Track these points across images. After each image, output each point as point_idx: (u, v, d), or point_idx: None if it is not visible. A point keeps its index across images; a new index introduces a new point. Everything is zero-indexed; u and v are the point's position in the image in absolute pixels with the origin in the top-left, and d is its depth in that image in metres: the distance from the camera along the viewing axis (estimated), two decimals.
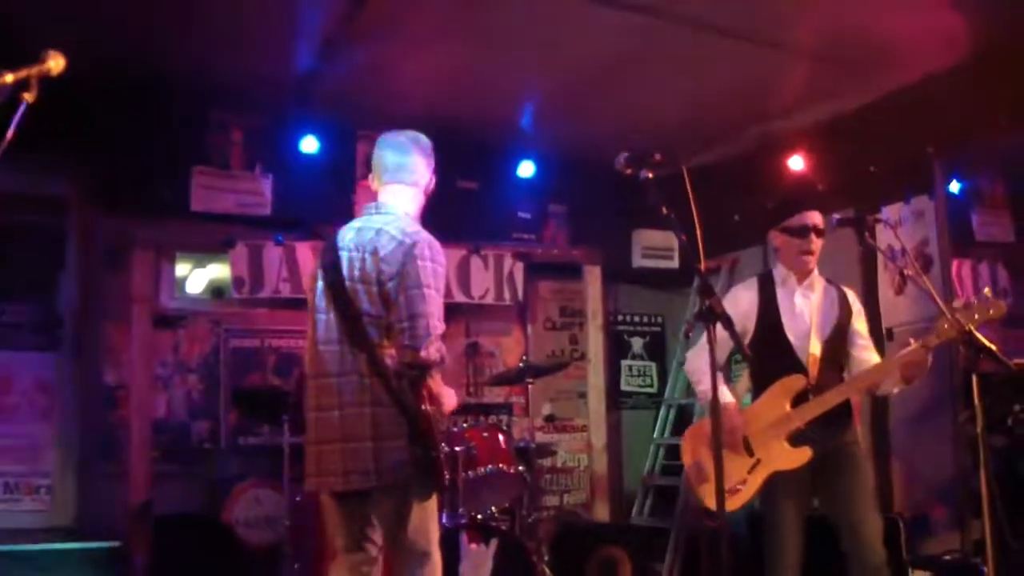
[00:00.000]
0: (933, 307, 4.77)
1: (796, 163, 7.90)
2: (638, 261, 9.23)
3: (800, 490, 4.92)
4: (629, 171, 3.90)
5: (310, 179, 8.06)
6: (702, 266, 3.80)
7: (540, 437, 8.71)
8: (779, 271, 5.16)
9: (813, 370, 4.90)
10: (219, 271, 8.45)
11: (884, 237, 6.87)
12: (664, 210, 3.78)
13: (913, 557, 6.16)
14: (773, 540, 4.97)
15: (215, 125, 7.89)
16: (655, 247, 9.24)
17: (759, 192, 8.16)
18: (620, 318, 9.67)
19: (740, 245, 8.49)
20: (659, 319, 9.81)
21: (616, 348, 9.58)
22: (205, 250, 8.23)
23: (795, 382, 4.90)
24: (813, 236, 5.08)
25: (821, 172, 7.79)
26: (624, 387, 9.59)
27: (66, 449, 7.25)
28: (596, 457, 9.27)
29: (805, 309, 5.04)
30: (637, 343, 9.71)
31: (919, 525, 6.78)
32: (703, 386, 5.13)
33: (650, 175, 3.87)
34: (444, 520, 5.85)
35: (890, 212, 7.21)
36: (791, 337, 4.98)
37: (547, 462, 8.91)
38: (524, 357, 7.19)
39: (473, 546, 5.69)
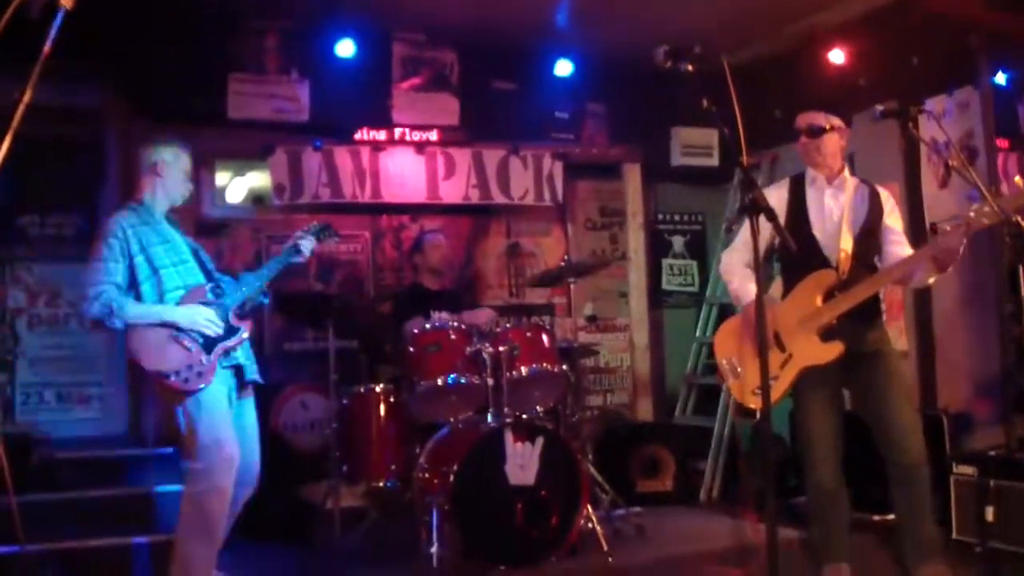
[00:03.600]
0: (977, 201, 4.70)
1: (837, 57, 7.77)
2: (677, 159, 9.16)
3: (831, 384, 4.93)
4: (668, 64, 3.85)
5: (347, 83, 8.03)
6: (744, 160, 3.75)
7: (582, 337, 8.75)
8: (809, 172, 5.12)
9: (844, 266, 4.86)
10: (259, 179, 8.47)
11: (928, 130, 6.79)
12: (705, 103, 3.73)
13: (956, 453, 6.16)
14: (804, 433, 5.01)
15: (249, 31, 7.86)
16: (694, 145, 9.16)
17: (800, 87, 8.07)
18: (660, 217, 9.62)
19: (780, 141, 8.38)
20: (699, 217, 9.76)
21: (657, 247, 9.55)
22: (244, 157, 8.24)
23: (826, 277, 4.87)
24: (803, 137, 5.05)
25: (862, 65, 7.67)
26: (665, 286, 9.57)
27: (116, 358, 7.33)
28: (638, 357, 9.31)
29: (835, 208, 4.99)
30: (678, 242, 9.67)
31: (963, 421, 6.78)
32: (733, 284, 5.18)
33: (690, 68, 3.82)
34: (490, 420, 5.91)
35: (934, 104, 7.08)
36: (819, 236, 4.96)
37: (590, 362, 8.95)
38: (565, 257, 7.18)
39: (518, 445, 5.74)
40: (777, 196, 5.07)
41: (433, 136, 8.37)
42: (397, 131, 8.28)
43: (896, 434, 4.79)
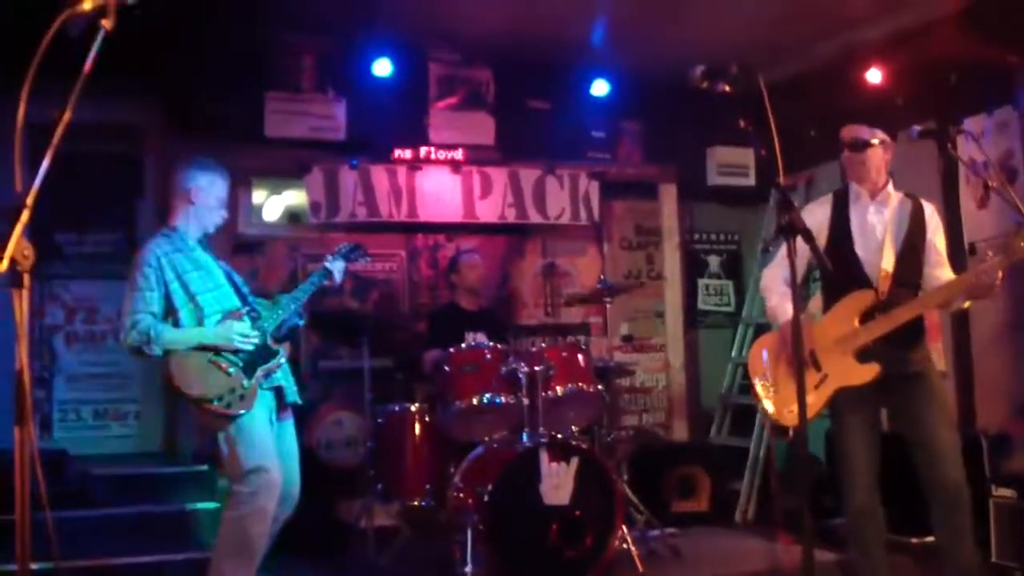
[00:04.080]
0: (1016, 220, 4.65)
1: (874, 76, 7.72)
2: (713, 179, 9.13)
3: (869, 405, 4.86)
4: (705, 84, 3.83)
5: (383, 102, 8.07)
6: (781, 180, 3.73)
7: (618, 357, 8.72)
8: (853, 187, 5.04)
9: (884, 286, 4.80)
10: (295, 197, 8.51)
11: (966, 149, 6.74)
12: (742, 123, 3.71)
13: (996, 475, 6.09)
14: (842, 454, 4.94)
15: (287, 50, 7.91)
16: (730, 164, 9.14)
17: (836, 106, 8.02)
18: (696, 236, 9.60)
19: (816, 161, 8.35)
20: (736, 237, 9.72)
21: (693, 267, 9.53)
22: (280, 175, 8.29)
23: (864, 297, 4.81)
24: (847, 151, 4.97)
25: (900, 84, 7.62)
26: (701, 306, 9.54)
27: (152, 375, 7.37)
28: (674, 376, 9.28)
29: (878, 225, 4.92)
30: (714, 261, 9.64)
31: (1002, 443, 6.70)
32: (772, 302, 5.11)
33: (727, 88, 3.81)
34: (525, 439, 5.90)
35: (972, 124, 7.03)
36: (861, 253, 4.89)
37: (625, 382, 8.92)
38: (601, 277, 7.17)
39: (553, 465, 5.72)
40: (820, 212, 5.03)
41: (466, 155, 8.38)
42: (433, 150, 8.29)
43: (936, 456, 4.71)
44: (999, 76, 6.88)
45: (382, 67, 7.96)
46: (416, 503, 6.50)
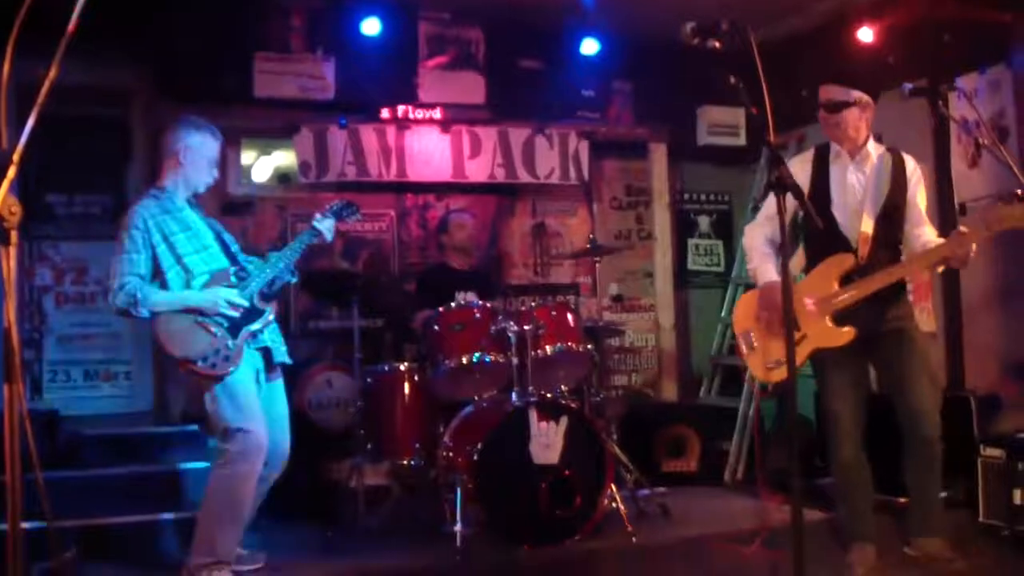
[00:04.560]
0: (1008, 180, 4.66)
1: (866, 34, 7.69)
2: (704, 138, 9.11)
3: (853, 363, 4.95)
4: (696, 41, 3.84)
5: (373, 61, 8.03)
6: (771, 138, 3.73)
7: (608, 317, 8.73)
8: (833, 146, 5.07)
9: (863, 249, 4.85)
10: (284, 158, 8.48)
11: (958, 108, 6.73)
12: (732, 80, 3.70)
13: (984, 435, 6.12)
14: (827, 410, 5.04)
15: (275, 9, 7.87)
16: (721, 124, 9.11)
17: (828, 65, 7.99)
18: (686, 196, 9.58)
19: (807, 120, 8.28)
20: (726, 197, 9.71)
21: (683, 227, 9.52)
22: (270, 136, 8.26)
23: (844, 261, 4.87)
24: (822, 111, 5.00)
25: (892, 43, 7.59)
26: (691, 266, 9.54)
27: (143, 335, 7.36)
28: (664, 336, 9.29)
29: (858, 185, 4.96)
30: (704, 222, 9.63)
31: (991, 403, 6.72)
32: (753, 262, 5.18)
33: (717, 45, 3.80)
34: (514, 399, 5.91)
35: (965, 83, 7.01)
36: (838, 214, 4.93)
37: (615, 342, 8.93)
38: (591, 236, 7.16)
39: (542, 424, 5.74)
40: (800, 168, 5.03)
41: (456, 115, 8.35)
42: (423, 110, 8.26)
43: (913, 410, 4.84)
44: (992, 34, 6.86)
45: (371, 26, 7.91)
46: (406, 463, 6.51)
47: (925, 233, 4.92)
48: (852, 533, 5.04)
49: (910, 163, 5.05)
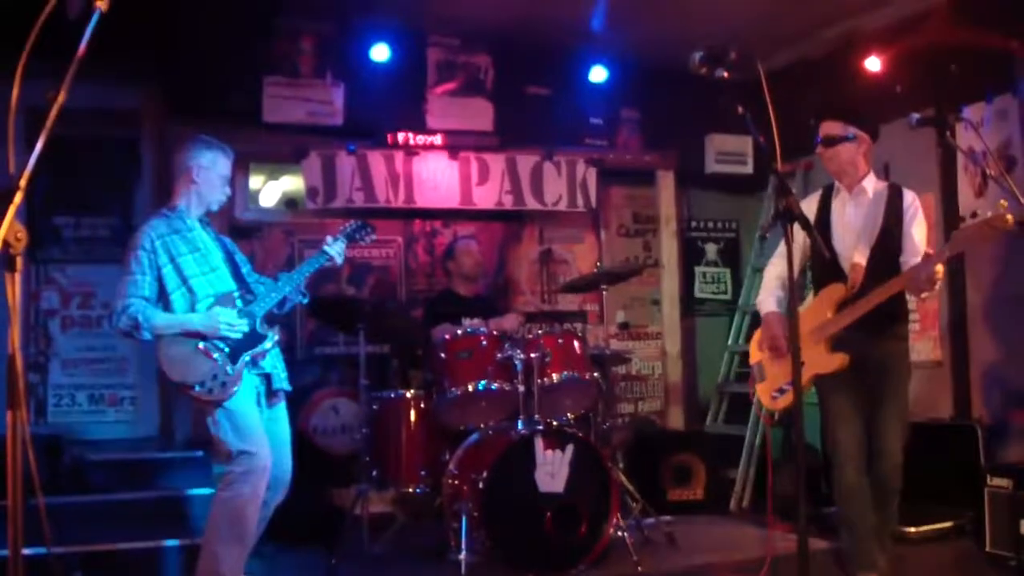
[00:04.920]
0: (1015, 210, 4.65)
1: (873, 63, 7.70)
2: (712, 166, 9.12)
3: (850, 388, 5.04)
4: (704, 70, 3.86)
5: (381, 87, 8.06)
6: (779, 166, 3.74)
7: (614, 344, 8.72)
8: (836, 183, 5.24)
9: (855, 278, 5.00)
10: (292, 183, 8.49)
11: (965, 138, 6.73)
12: (740, 109, 3.72)
13: (991, 465, 6.10)
14: (829, 436, 5.13)
15: (285, 34, 7.89)
16: (729, 152, 9.12)
17: (835, 94, 8.00)
18: (694, 224, 9.59)
19: (815, 149, 8.33)
20: (733, 225, 9.71)
21: (690, 254, 9.51)
22: (278, 160, 8.28)
23: (837, 290, 5.03)
24: (820, 147, 5.17)
25: (899, 72, 7.60)
26: (698, 294, 9.54)
27: (148, 360, 7.35)
28: (670, 364, 9.26)
29: (854, 218, 5.12)
30: (711, 249, 9.63)
31: (997, 432, 6.71)
32: (760, 297, 5.42)
33: (726, 75, 3.82)
34: (520, 427, 5.90)
35: (972, 112, 7.01)
36: (838, 247, 5.08)
37: (621, 369, 8.92)
38: (598, 264, 7.16)
39: (548, 452, 5.72)
40: (807, 207, 5.16)
41: (464, 141, 8.37)
42: (431, 136, 8.27)
43: (880, 440, 5.00)
44: (999, 64, 6.86)
45: (380, 52, 7.94)
46: (411, 490, 6.50)
47: (913, 263, 4.94)
48: (856, 562, 5.06)
49: (908, 196, 5.15)
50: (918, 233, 5.07)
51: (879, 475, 4.99)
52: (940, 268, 4.67)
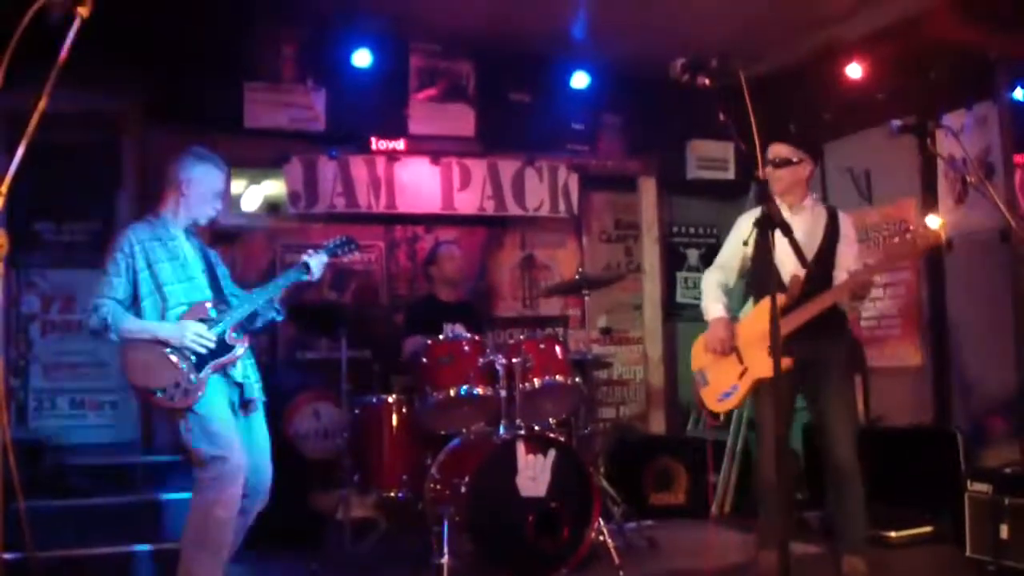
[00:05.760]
0: (994, 216, 4.70)
1: (854, 71, 7.75)
2: (693, 172, 9.16)
3: (785, 391, 5.18)
4: (685, 77, 3.90)
5: (363, 93, 8.08)
6: (760, 174, 3.78)
7: (596, 349, 8.73)
8: (777, 200, 5.33)
9: (795, 290, 5.24)
10: (274, 187, 8.48)
11: (945, 145, 6.77)
12: (721, 116, 3.75)
13: (971, 470, 6.12)
14: (759, 433, 5.53)
15: (265, 39, 7.88)
16: (710, 158, 9.17)
17: (816, 101, 8.05)
18: (675, 230, 9.60)
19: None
20: (714, 230, 9.72)
21: (671, 260, 9.53)
22: (259, 166, 8.25)
23: (777, 300, 5.12)
24: (769, 167, 5.41)
25: (880, 79, 7.64)
26: (680, 299, 9.55)
27: None
28: (652, 369, 9.29)
29: (796, 234, 5.22)
30: (692, 255, 9.65)
31: (978, 437, 6.74)
32: (703, 303, 5.83)
33: (707, 82, 3.85)
34: (502, 431, 5.90)
35: (952, 119, 7.05)
36: (777, 260, 5.19)
37: (603, 374, 8.93)
38: (579, 269, 7.17)
39: (530, 457, 5.72)
40: (747, 223, 5.43)
41: (446, 147, 8.38)
42: (413, 142, 8.28)
43: (833, 441, 5.34)
44: (979, 71, 6.91)
45: (362, 58, 7.95)
46: (393, 494, 6.48)
47: (846, 276, 5.31)
48: (764, 540, 5.47)
49: (843, 219, 5.56)
50: (851, 251, 5.46)
51: (834, 465, 5.32)
52: (875, 279, 5.17)
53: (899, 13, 7.25)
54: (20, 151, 2.57)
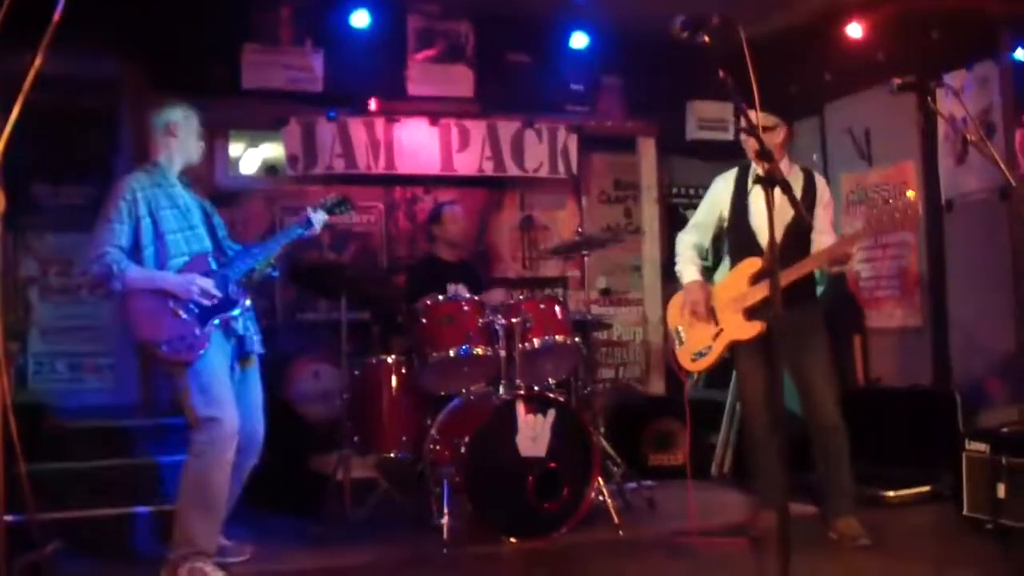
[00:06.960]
0: (995, 177, 4.69)
1: (855, 30, 7.71)
2: (693, 133, 9.13)
3: (761, 352, 5.40)
4: (685, 35, 3.87)
5: (361, 54, 8.03)
6: (760, 133, 3.76)
7: (595, 310, 8.73)
8: (753, 164, 5.53)
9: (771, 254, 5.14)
10: (272, 150, 8.46)
11: (945, 104, 6.74)
12: (721, 75, 3.72)
13: (969, 430, 6.13)
14: (741, 395, 5.74)
15: (263, 1, 7.84)
16: (710, 119, 9.13)
17: (816, 62, 8.01)
18: (675, 191, 9.58)
19: (797, 115, 8.34)
20: None
21: (671, 221, 9.50)
22: (258, 128, 8.25)
23: (753, 264, 5.41)
24: (743, 133, 5.57)
25: (881, 39, 7.60)
26: None
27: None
28: (651, 330, 9.29)
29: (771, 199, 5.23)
30: (692, 216, 9.62)
31: (976, 398, 6.75)
32: (678, 266, 5.89)
33: (707, 39, 3.82)
34: (502, 392, 5.91)
35: (953, 79, 7.01)
36: (753, 224, 5.43)
37: (603, 335, 8.93)
38: (579, 230, 7.16)
39: (530, 417, 5.74)
40: (723, 186, 5.70)
41: (444, 108, 8.35)
42: (412, 102, 8.25)
43: (815, 402, 5.42)
44: (980, 31, 6.88)
45: (360, 18, 7.91)
46: (393, 455, 6.49)
47: (824, 240, 5.35)
48: (764, 498, 5.60)
49: (820, 182, 5.62)
50: (827, 215, 5.52)
51: (819, 425, 5.40)
52: (853, 251, 5.25)
53: None
54: (16, 111, 2.56)
